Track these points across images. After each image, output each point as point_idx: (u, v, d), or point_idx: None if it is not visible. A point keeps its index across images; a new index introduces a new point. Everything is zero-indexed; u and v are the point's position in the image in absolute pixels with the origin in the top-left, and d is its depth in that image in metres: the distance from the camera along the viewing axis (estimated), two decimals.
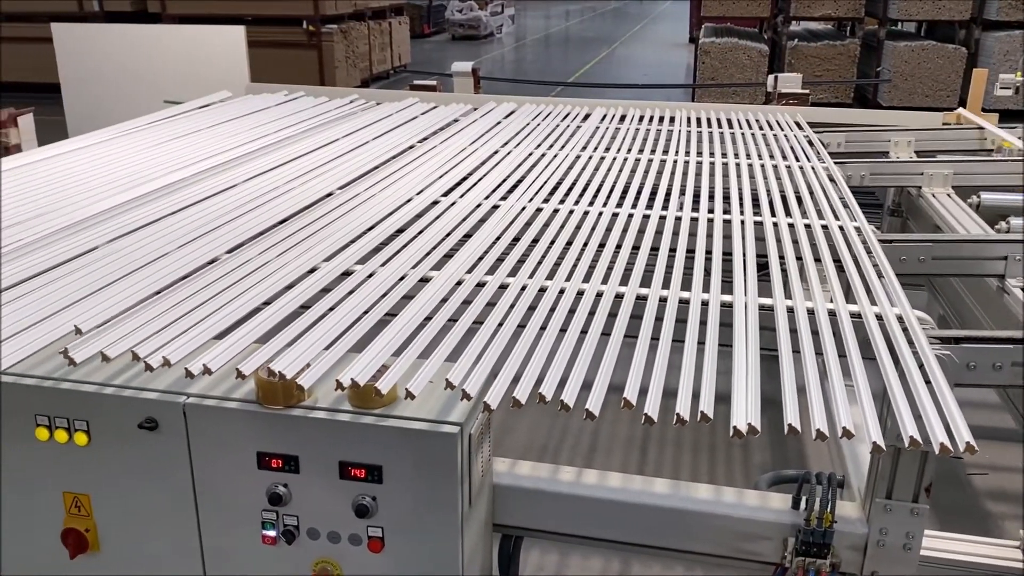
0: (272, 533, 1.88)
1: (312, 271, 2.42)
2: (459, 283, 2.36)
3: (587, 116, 4.81)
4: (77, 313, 2.04)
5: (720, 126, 4.60)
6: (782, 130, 4.44)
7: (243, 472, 1.85)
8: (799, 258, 2.65)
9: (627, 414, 1.66)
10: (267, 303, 2.20)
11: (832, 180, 3.48)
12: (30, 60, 13.41)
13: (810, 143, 4.15)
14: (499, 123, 4.57)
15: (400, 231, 2.83)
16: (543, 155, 3.87)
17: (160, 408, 1.84)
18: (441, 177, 3.44)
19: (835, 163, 3.74)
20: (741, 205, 3.15)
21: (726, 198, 3.26)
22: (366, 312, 2.15)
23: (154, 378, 1.90)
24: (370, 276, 2.39)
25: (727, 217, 3.01)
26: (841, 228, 2.89)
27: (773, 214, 3.07)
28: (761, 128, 4.53)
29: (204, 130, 4.12)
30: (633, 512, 2.03)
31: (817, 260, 2.63)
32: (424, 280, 2.39)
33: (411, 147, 4.02)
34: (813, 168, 3.66)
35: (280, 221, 2.87)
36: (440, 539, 1.84)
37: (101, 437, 1.89)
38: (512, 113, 4.84)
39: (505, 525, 2.11)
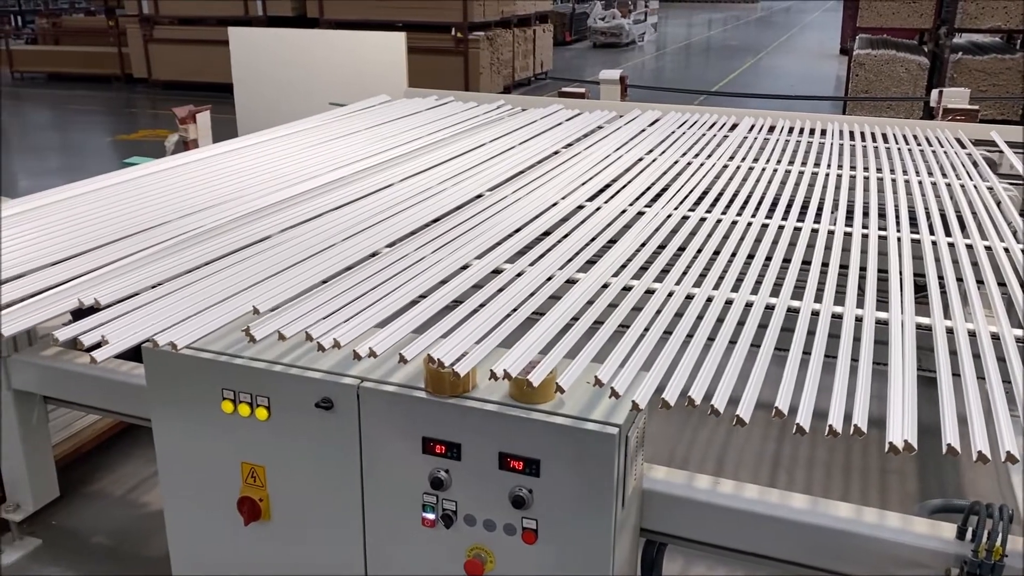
0: (431, 516, 1.97)
1: (464, 268, 2.52)
2: (605, 286, 2.40)
3: (734, 126, 4.75)
4: (254, 295, 2.21)
5: (875, 140, 4.45)
6: (941, 147, 4.25)
7: (408, 455, 1.95)
8: (960, 279, 2.55)
9: (760, 431, 1.66)
10: (423, 296, 2.31)
11: (998, 202, 3.32)
12: (195, 60, 14.40)
13: (974, 163, 3.95)
14: (644, 130, 4.58)
15: (546, 233, 2.90)
16: (689, 163, 3.86)
17: (336, 390, 1.97)
18: (586, 182, 3.49)
19: (1002, 184, 3.55)
20: (898, 222, 3.05)
21: (881, 214, 3.16)
22: (515, 310, 2.23)
23: (331, 361, 2.04)
24: (519, 275, 2.47)
25: (883, 233, 2.92)
26: (1007, 250, 2.75)
27: (932, 233, 2.96)
28: (919, 144, 4.35)
29: (363, 131, 4.34)
30: (790, 529, 1.98)
31: (980, 282, 2.53)
32: (571, 282, 2.44)
33: (556, 152, 4.09)
34: (976, 187, 3.49)
35: (434, 220, 2.99)
36: (593, 537, 1.87)
37: (280, 413, 2.03)
38: (657, 121, 4.84)
39: (651, 530, 2.11)
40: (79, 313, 2.16)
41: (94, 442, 3.44)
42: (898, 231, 2.95)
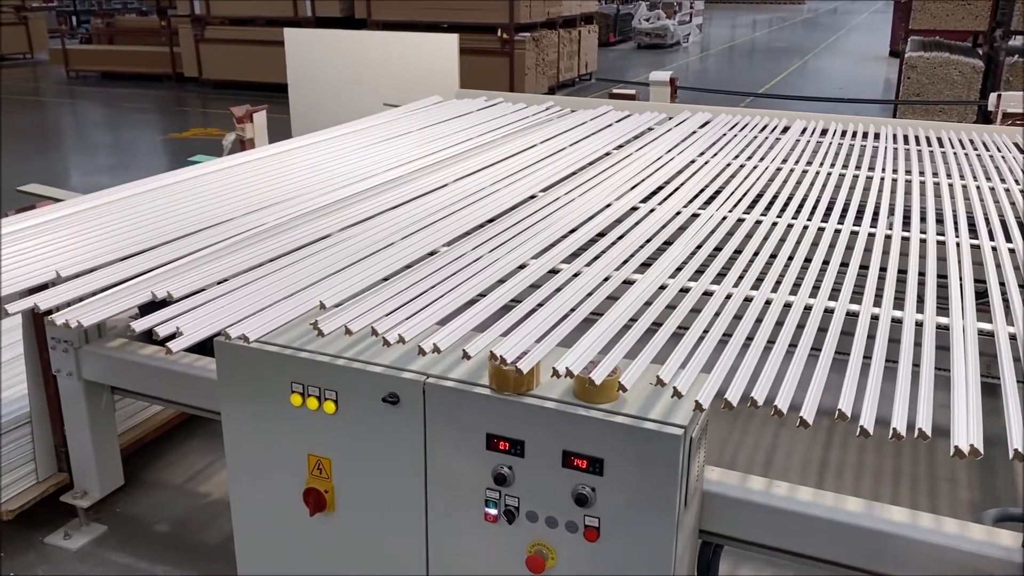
0: (494, 511, 2.00)
1: (522, 267, 2.56)
2: (663, 287, 2.42)
3: (786, 129, 4.73)
4: (319, 291, 2.27)
5: (929, 144, 4.40)
6: (999, 151, 4.19)
7: (472, 451, 1.98)
8: (1022, 286, 2.52)
9: (807, 436, 1.64)
10: (481, 295, 2.35)
11: None
12: (244, 60, 14.64)
13: None
14: (694, 132, 4.58)
15: (601, 235, 2.92)
16: (742, 166, 3.86)
17: (403, 385, 2.01)
18: (639, 184, 3.51)
19: None
20: (956, 227, 3.02)
21: (939, 220, 3.13)
22: (573, 310, 2.26)
23: (391, 356, 2.09)
24: (576, 276, 2.49)
25: (941, 238, 2.90)
26: None
27: (992, 238, 2.93)
28: (975, 148, 4.29)
29: (416, 132, 4.39)
30: (846, 532, 1.98)
31: None
32: (628, 283, 2.46)
33: (608, 154, 4.11)
34: None
35: (489, 220, 3.03)
36: (655, 537, 1.88)
37: (348, 407, 2.08)
38: (707, 123, 4.84)
39: (707, 531, 2.12)
40: (147, 307, 2.23)
41: (155, 433, 3.54)
42: (956, 236, 2.93)
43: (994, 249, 2.82)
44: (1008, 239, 2.92)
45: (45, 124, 12.83)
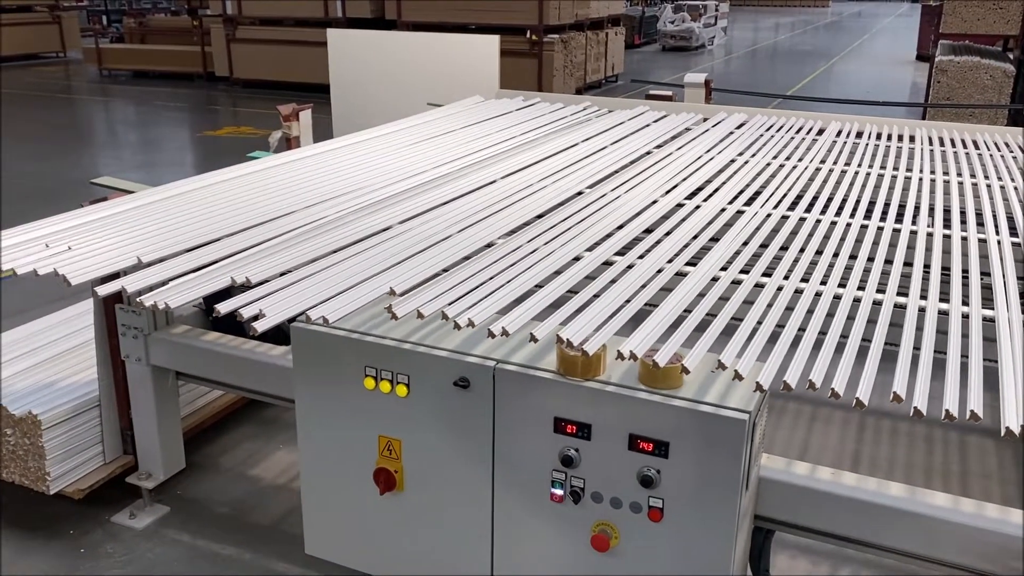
0: (560, 492, 2.09)
1: (577, 259, 2.66)
2: (715, 279, 2.51)
3: (821, 131, 4.80)
4: (387, 279, 2.38)
5: (965, 147, 4.46)
6: None
7: (539, 434, 2.08)
8: None
9: (838, 430, 1.69)
10: (539, 286, 2.45)
11: None
12: (274, 60, 14.83)
13: None
14: (732, 133, 4.66)
15: (648, 231, 3.01)
16: (781, 165, 3.94)
17: (474, 370, 2.11)
18: (682, 182, 3.60)
19: None
20: (996, 226, 3.09)
21: (980, 222, 3.20)
22: (628, 301, 2.35)
23: (455, 342, 2.19)
24: (629, 267, 2.59)
25: (982, 237, 2.97)
26: None
27: None
28: (1012, 151, 4.35)
29: (460, 130, 4.51)
30: (897, 518, 2.05)
31: None
32: (680, 275, 2.56)
33: (648, 153, 4.20)
34: None
35: (538, 215, 3.13)
36: (718, 518, 1.97)
37: (419, 390, 2.19)
38: (743, 124, 4.92)
39: (759, 516, 2.20)
40: (211, 298, 2.33)
41: (211, 420, 3.66)
42: (997, 235, 3.00)
43: None
44: None
45: (84, 120, 13.08)
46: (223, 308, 2.13)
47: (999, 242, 2.91)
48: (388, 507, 2.34)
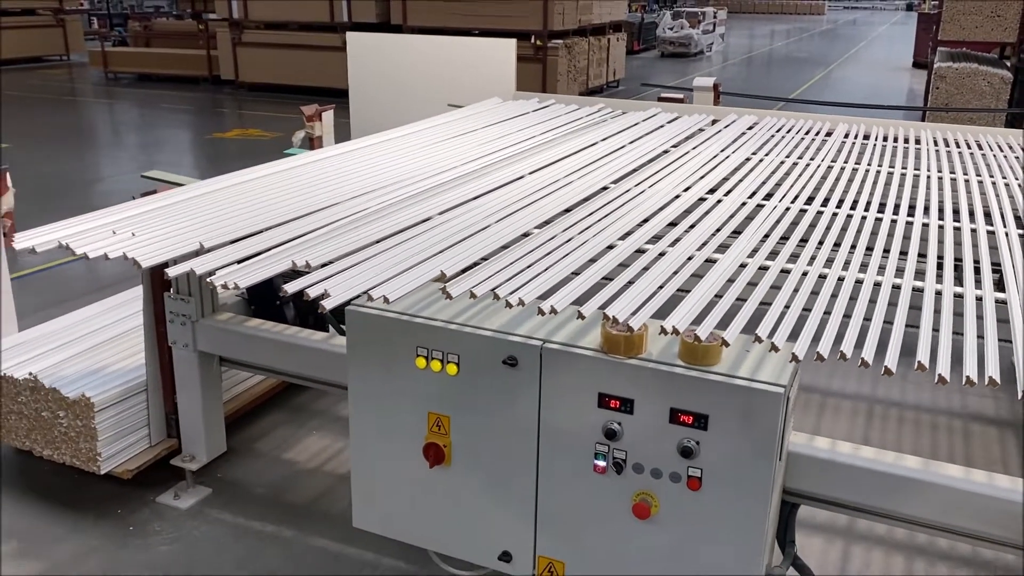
0: (603, 463, 2.23)
1: (610, 247, 2.80)
2: (743, 266, 2.66)
3: (830, 132, 4.96)
4: (437, 263, 2.52)
5: (969, 148, 4.62)
6: None
7: (584, 409, 2.22)
8: None
9: (847, 419, 1.79)
10: (575, 273, 2.59)
11: None
12: (279, 63, 14.98)
13: None
14: (744, 133, 4.82)
15: (673, 224, 3.16)
16: (795, 164, 4.10)
17: (521, 349, 2.25)
18: (702, 178, 3.75)
19: None
20: (1004, 220, 3.25)
21: (987, 214, 3.36)
22: (661, 287, 2.50)
23: (499, 321, 2.33)
24: (661, 255, 2.74)
25: (990, 229, 3.13)
26: None
27: None
28: (1014, 151, 4.51)
29: (480, 130, 4.66)
30: (914, 488, 2.21)
31: None
32: (710, 261, 2.71)
33: (666, 152, 4.36)
34: None
35: (567, 208, 3.28)
36: (754, 487, 2.10)
37: (469, 369, 2.32)
38: (754, 125, 5.08)
39: (785, 490, 2.34)
40: (253, 289, 2.47)
41: (248, 407, 3.80)
42: (1005, 227, 3.16)
43: None
44: None
45: (95, 122, 13.21)
46: (291, 288, 2.27)
47: (1007, 234, 3.07)
48: (436, 481, 2.47)
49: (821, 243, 2.91)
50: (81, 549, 3.12)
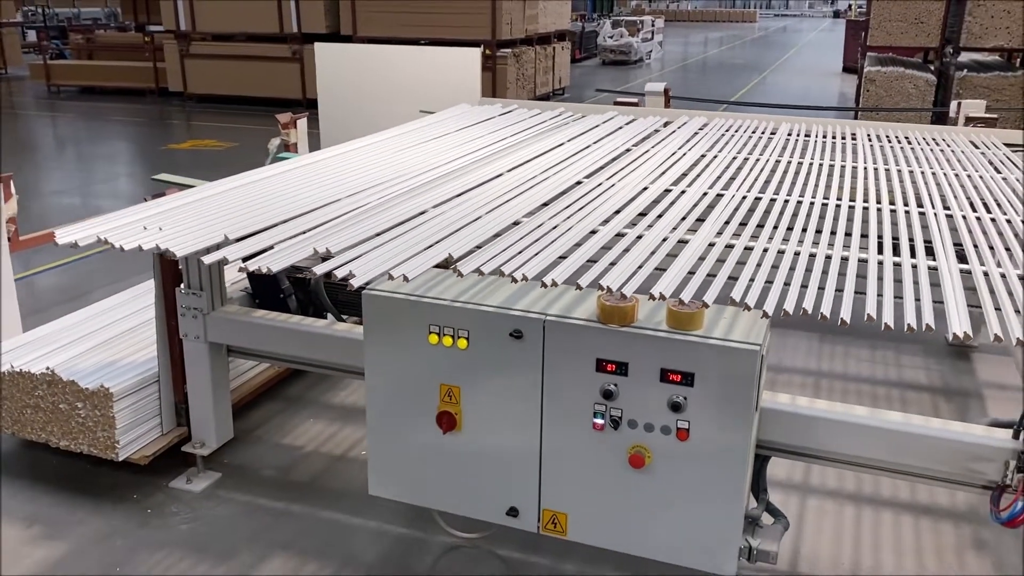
0: (601, 421, 2.52)
1: (593, 232, 3.13)
2: (711, 245, 3.01)
3: (774, 131, 5.38)
4: (443, 248, 2.81)
5: (899, 142, 5.08)
6: (959, 148, 4.89)
7: (583, 374, 2.51)
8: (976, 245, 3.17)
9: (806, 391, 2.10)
10: (562, 257, 2.91)
11: None
12: (228, 75, 15.04)
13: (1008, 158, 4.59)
14: (696, 133, 5.21)
15: (643, 214, 3.50)
16: (746, 159, 4.49)
17: (526, 323, 2.54)
18: (665, 172, 4.11)
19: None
20: (932, 203, 3.67)
21: (918, 201, 3.78)
22: (641, 265, 2.82)
23: (499, 298, 2.63)
24: (639, 238, 3.07)
25: (921, 211, 3.55)
26: None
27: (961, 210, 3.59)
28: (939, 144, 4.99)
29: (453, 133, 4.95)
30: (875, 435, 2.56)
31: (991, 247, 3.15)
32: (682, 242, 3.05)
33: (628, 150, 4.71)
34: (1005, 178, 4.12)
35: (547, 201, 3.60)
36: (735, 434, 2.42)
37: (478, 342, 2.60)
38: (706, 126, 5.47)
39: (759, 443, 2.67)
40: (253, 276, 2.72)
41: (250, 396, 4.03)
42: (934, 209, 3.58)
43: (964, 217, 3.47)
44: (974, 210, 3.58)
45: (46, 136, 13.11)
46: (319, 270, 2.54)
47: (935, 214, 3.48)
48: (448, 446, 2.74)
49: (776, 226, 3.28)
50: (104, 530, 3.32)
